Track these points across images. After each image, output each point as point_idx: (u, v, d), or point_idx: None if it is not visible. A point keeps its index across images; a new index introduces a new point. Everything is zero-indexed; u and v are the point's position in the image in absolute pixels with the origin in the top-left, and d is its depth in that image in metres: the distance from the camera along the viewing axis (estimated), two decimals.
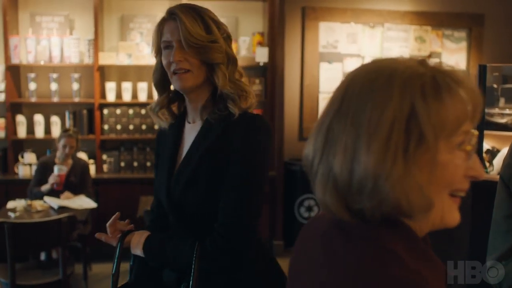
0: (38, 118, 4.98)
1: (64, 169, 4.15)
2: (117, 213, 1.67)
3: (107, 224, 1.65)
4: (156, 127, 4.95)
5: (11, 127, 4.94)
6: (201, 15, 1.54)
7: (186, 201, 1.56)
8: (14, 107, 4.98)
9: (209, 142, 1.54)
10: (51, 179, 4.12)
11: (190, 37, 1.50)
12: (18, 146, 5.08)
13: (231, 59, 1.58)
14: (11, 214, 3.82)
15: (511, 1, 5.84)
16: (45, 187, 4.15)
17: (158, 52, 1.60)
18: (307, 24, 5.49)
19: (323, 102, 5.60)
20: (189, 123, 1.65)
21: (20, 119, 4.95)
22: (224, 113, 1.53)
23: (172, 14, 1.54)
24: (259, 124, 1.54)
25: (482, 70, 2.68)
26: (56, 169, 4.11)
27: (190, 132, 1.63)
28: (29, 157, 4.96)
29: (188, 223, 1.60)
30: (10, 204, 4.03)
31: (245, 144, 1.50)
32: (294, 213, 5.23)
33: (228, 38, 1.60)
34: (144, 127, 5.11)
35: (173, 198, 1.59)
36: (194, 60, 1.52)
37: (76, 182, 4.29)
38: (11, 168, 4.95)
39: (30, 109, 5.12)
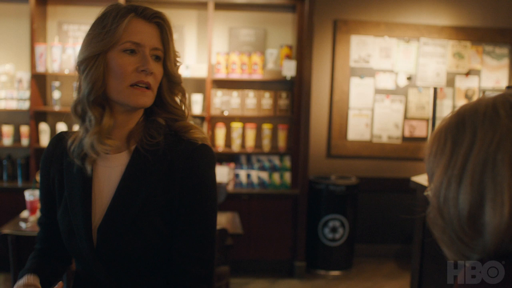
0: (61, 127, 4.95)
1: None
2: (59, 283, 1.36)
3: None
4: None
5: (34, 135, 4.93)
6: None
7: (127, 247, 1.29)
8: (38, 115, 4.96)
9: (153, 176, 1.31)
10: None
11: (172, 52, 1.33)
12: (41, 155, 5.04)
13: None
14: (22, 225, 3.76)
15: None
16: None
17: (105, 50, 1.29)
18: (338, 37, 5.30)
19: (353, 118, 5.39)
20: (106, 153, 1.35)
21: (43, 127, 4.93)
22: (158, 141, 1.32)
23: (156, 18, 1.31)
24: (211, 156, 1.36)
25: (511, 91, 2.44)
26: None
27: (112, 164, 1.35)
28: None
29: (122, 273, 1.32)
30: (25, 213, 3.98)
31: (202, 180, 1.33)
32: (318, 234, 5.01)
33: None
34: None
35: (106, 246, 1.30)
36: (159, 77, 1.33)
37: None
38: (33, 176, 4.93)
39: (53, 118, 5.10)
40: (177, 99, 1.39)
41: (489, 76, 5.52)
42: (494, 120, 0.80)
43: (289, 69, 4.91)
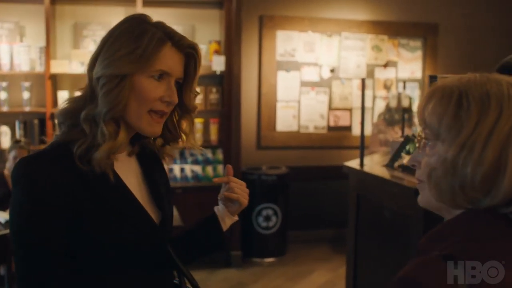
0: (4, 130, 4.81)
1: None
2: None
3: None
4: None
5: None
6: None
7: (172, 226, 1.46)
8: None
9: (161, 170, 1.47)
10: None
11: (195, 83, 1.36)
12: None
13: None
14: None
15: (465, 11, 5.95)
16: None
17: (135, 72, 1.23)
18: (264, 32, 5.48)
19: (281, 110, 5.59)
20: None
21: None
22: (147, 141, 1.42)
23: (189, 49, 1.29)
24: None
25: (433, 81, 2.69)
26: None
27: (123, 166, 1.34)
28: None
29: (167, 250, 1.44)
30: None
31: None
32: (252, 223, 5.18)
33: None
34: None
35: (166, 229, 1.39)
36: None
37: None
38: None
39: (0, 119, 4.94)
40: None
41: (405, 68, 5.90)
42: None
43: (218, 64, 5.03)
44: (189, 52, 1.30)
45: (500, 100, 0.94)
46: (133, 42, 1.23)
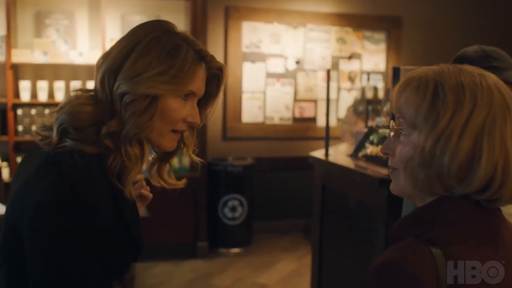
0: None
1: None
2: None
3: None
4: None
5: None
6: None
7: None
8: None
9: None
10: None
11: (216, 104, 1.37)
12: None
13: None
14: None
15: (428, 5, 6.06)
16: None
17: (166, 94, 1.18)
18: (230, 23, 5.47)
19: (246, 101, 5.60)
20: None
21: None
22: None
23: (219, 70, 1.27)
24: None
25: (396, 72, 2.74)
26: None
27: None
28: None
29: None
30: None
31: None
32: (218, 214, 5.19)
33: None
34: None
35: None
36: None
37: None
38: None
39: None
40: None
41: (369, 60, 5.98)
42: (489, 94, 0.97)
43: None
44: (215, 72, 1.27)
45: (474, 91, 0.96)
46: (165, 60, 1.16)
